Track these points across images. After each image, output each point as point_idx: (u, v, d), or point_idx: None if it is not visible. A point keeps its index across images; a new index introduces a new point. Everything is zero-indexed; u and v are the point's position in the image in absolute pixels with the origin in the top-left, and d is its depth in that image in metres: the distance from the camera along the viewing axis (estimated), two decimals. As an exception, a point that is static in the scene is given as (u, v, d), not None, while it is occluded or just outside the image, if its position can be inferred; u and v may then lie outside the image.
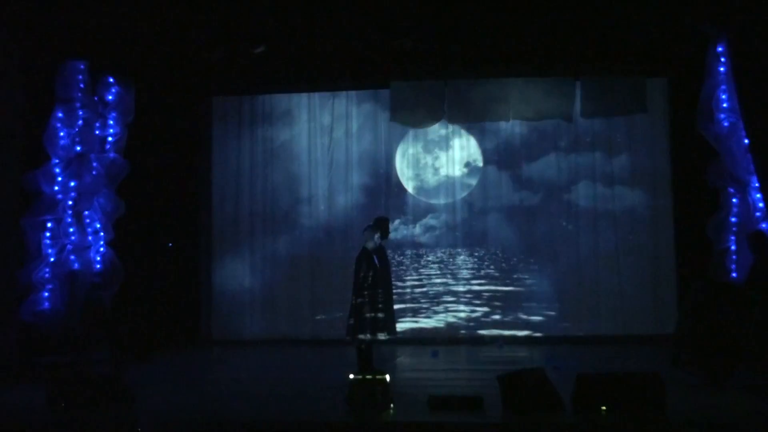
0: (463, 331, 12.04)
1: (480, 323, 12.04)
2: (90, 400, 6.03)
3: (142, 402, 6.62)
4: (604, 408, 5.85)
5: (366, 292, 8.17)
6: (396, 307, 9.38)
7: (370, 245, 8.34)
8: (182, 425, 5.81)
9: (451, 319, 12.14)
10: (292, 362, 10.44)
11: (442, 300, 12.26)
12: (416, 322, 12.14)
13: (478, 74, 11.88)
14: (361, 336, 8.11)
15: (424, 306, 12.26)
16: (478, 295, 12.19)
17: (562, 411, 6.08)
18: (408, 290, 12.31)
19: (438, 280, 12.36)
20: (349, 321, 8.27)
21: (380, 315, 8.21)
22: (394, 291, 9.63)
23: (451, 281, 12.32)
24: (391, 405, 6.35)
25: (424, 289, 12.33)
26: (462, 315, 12.14)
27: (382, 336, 8.24)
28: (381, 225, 8.69)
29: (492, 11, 9.83)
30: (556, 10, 9.74)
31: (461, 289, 12.25)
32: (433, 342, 11.70)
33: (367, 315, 8.11)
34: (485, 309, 12.10)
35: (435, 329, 12.09)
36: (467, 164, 12.43)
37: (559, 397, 6.21)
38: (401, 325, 10.84)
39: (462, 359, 10.64)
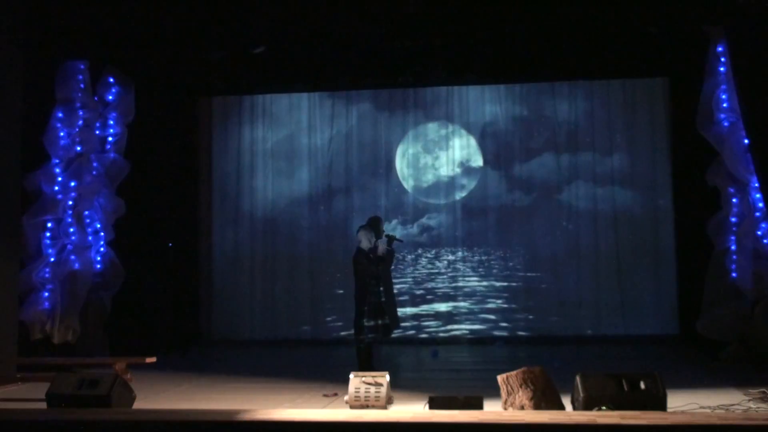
0: (463, 331, 12.04)
1: (480, 323, 12.04)
2: (90, 400, 6.02)
3: (142, 402, 6.61)
4: (604, 408, 5.85)
5: (368, 292, 8.17)
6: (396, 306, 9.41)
7: (365, 245, 8.35)
8: (182, 424, 5.80)
9: (451, 319, 12.14)
10: (291, 362, 10.44)
11: (442, 300, 12.26)
12: (416, 321, 12.14)
13: (479, 77, 11.91)
14: (368, 336, 8.12)
15: (424, 306, 12.26)
16: (478, 294, 12.19)
17: (563, 411, 6.07)
18: (407, 290, 12.31)
19: (438, 280, 12.36)
20: (359, 321, 8.27)
21: (384, 313, 8.22)
22: (394, 291, 9.64)
23: (450, 281, 12.31)
24: (391, 405, 6.35)
25: (424, 289, 12.33)
26: (462, 315, 12.14)
27: (387, 334, 8.26)
28: (374, 225, 8.74)
29: (491, 10, 9.82)
30: (556, 9, 9.74)
31: (461, 289, 12.25)
32: (433, 342, 11.71)
33: (370, 314, 8.11)
34: (485, 309, 12.10)
35: (435, 329, 12.08)
36: (467, 164, 12.43)
37: (559, 397, 6.20)
38: (401, 326, 10.84)
39: (462, 359, 10.65)
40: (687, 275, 11.00)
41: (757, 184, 8.99)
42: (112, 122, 10.85)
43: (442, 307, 12.24)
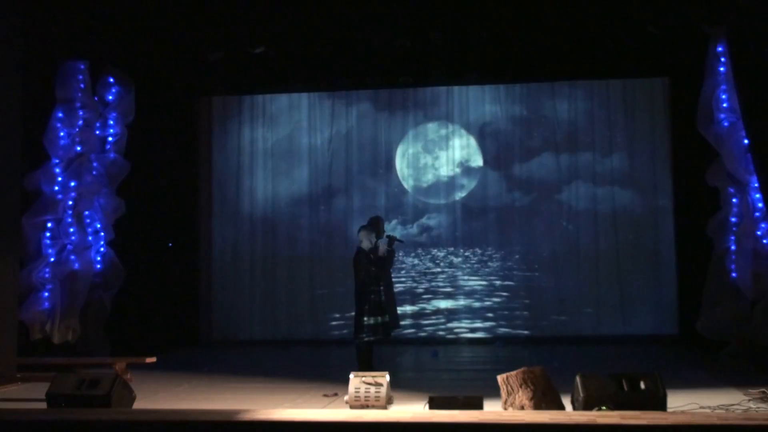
0: (463, 331, 12.03)
1: (480, 323, 12.04)
2: (90, 400, 6.02)
3: (142, 402, 6.61)
4: (604, 408, 5.85)
5: (368, 292, 8.18)
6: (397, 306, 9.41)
7: (365, 245, 8.35)
8: (182, 424, 5.80)
9: (450, 319, 12.14)
10: (291, 362, 10.44)
11: (442, 300, 12.26)
12: (416, 321, 12.14)
13: (479, 77, 11.91)
14: (368, 335, 8.12)
15: (424, 306, 12.25)
16: (478, 294, 12.19)
17: (563, 411, 6.07)
18: (407, 290, 12.30)
19: (437, 280, 12.36)
20: (359, 320, 8.27)
21: (384, 313, 8.23)
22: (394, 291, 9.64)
23: (450, 281, 12.31)
24: (391, 405, 6.35)
25: (424, 289, 12.32)
26: (462, 314, 12.14)
27: (387, 333, 8.27)
28: (375, 225, 8.74)
29: (491, 10, 9.82)
30: (556, 9, 9.74)
31: (461, 288, 12.25)
32: (433, 342, 11.70)
33: (371, 312, 8.12)
34: (485, 308, 12.10)
35: (435, 329, 12.08)
36: (466, 164, 12.43)
37: (559, 397, 6.20)
38: (401, 325, 10.85)
39: (462, 359, 10.64)
40: (687, 275, 10.99)
41: (757, 184, 8.99)
42: (112, 122, 10.85)
43: (442, 306, 12.23)
